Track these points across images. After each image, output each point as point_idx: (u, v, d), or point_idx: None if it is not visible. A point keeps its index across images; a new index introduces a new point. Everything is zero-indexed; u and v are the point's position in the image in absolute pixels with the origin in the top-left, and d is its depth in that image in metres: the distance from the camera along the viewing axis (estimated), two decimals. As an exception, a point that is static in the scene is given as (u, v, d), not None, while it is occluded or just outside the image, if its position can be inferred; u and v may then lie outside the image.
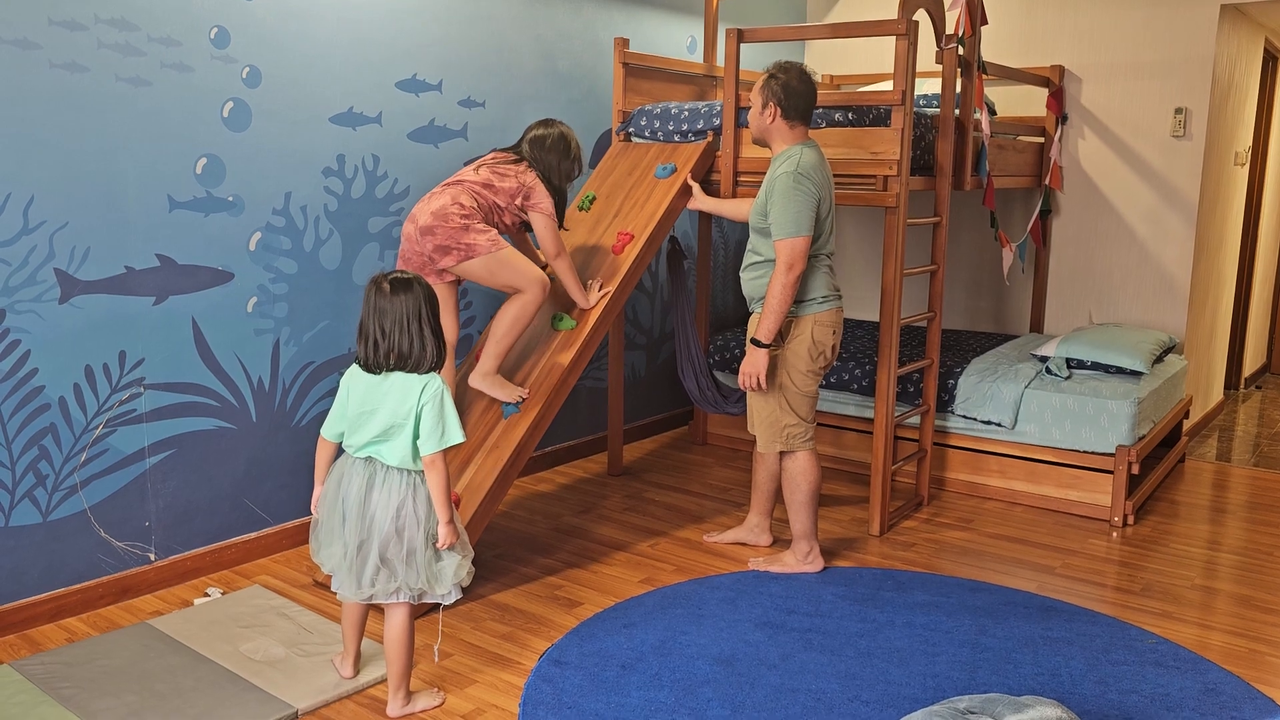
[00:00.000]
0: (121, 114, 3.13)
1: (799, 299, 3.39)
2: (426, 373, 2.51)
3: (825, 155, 3.77)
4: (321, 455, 2.66)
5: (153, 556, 3.38)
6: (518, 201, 3.48)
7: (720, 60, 4.92)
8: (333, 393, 3.81)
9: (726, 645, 2.98)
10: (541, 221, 3.50)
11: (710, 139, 4.11)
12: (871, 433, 4.25)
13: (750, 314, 3.53)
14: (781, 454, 3.54)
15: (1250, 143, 5.83)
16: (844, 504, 4.31)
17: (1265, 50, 5.80)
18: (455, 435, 2.49)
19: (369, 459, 2.54)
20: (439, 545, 2.52)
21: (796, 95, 3.32)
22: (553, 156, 3.56)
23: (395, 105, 3.88)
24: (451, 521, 2.53)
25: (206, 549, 3.51)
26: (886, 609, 3.24)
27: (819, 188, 3.30)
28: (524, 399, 3.49)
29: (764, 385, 3.38)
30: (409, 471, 2.52)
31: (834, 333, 3.45)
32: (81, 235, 3.08)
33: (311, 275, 3.70)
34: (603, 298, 3.69)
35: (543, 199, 3.49)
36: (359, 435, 2.53)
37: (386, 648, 2.60)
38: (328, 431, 2.62)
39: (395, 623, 2.57)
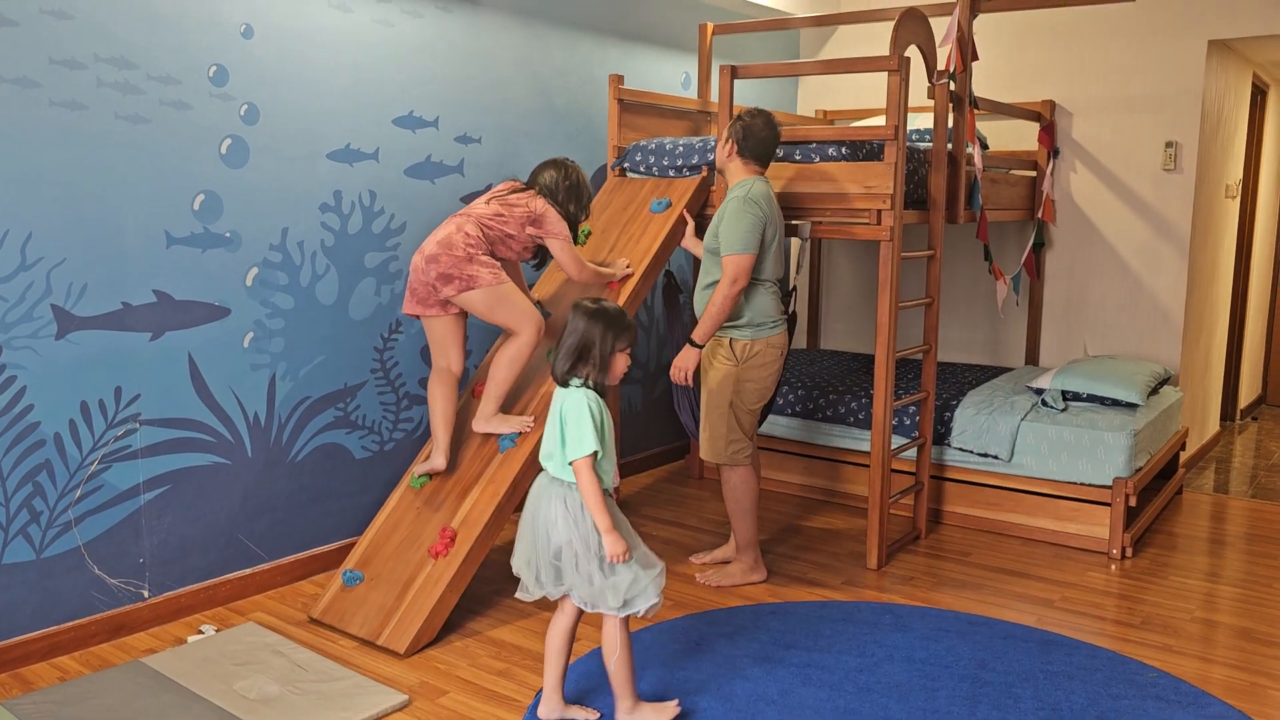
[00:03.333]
0: (120, 151, 3.15)
1: (755, 322, 3.59)
2: (584, 388, 2.60)
3: (818, 190, 3.88)
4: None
5: (146, 593, 3.36)
6: (528, 230, 3.52)
7: (714, 96, 4.97)
8: (328, 428, 3.81)
9: (725, 682, 2.95)
10: (558, 245, 3.56)
11: (705, 174, 4.14)
12: (868, 465, 4.24)
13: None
14: (721, 467, 3.72)
15: (1241, 175, 5.88)
16: (841, 537, 4.29)
17: (1253, 84, 5.86)
18: (589, 443, 2.53)
19: (544, 470, 2.66)
20: (608, 559, 2.54)
21: (755, 139, 3.56)
22: (571, 205, 3.62)
23: (392, 142, 3.91)
24: (614, 530, 2.54)
25: (201, 585, 3.49)
26: (885, 643, 3.22)
27: (766, 214, 3.51)
28: (529, 428, 3.49)
29: (690, 380, 3.61)
30: (563, 481, 2.59)
31: (781, 354, 3.67)
32: (79, 271, 3.09)
33: (308, 310, 3.71)
34: (628, 276, 3.79)
35: (555, 224, 3.55)
36: (542, 448, 2.67)
37: (608, 664, 2.65)
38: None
39: (606, 633, 2.63)
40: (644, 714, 2.68)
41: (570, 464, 2.54)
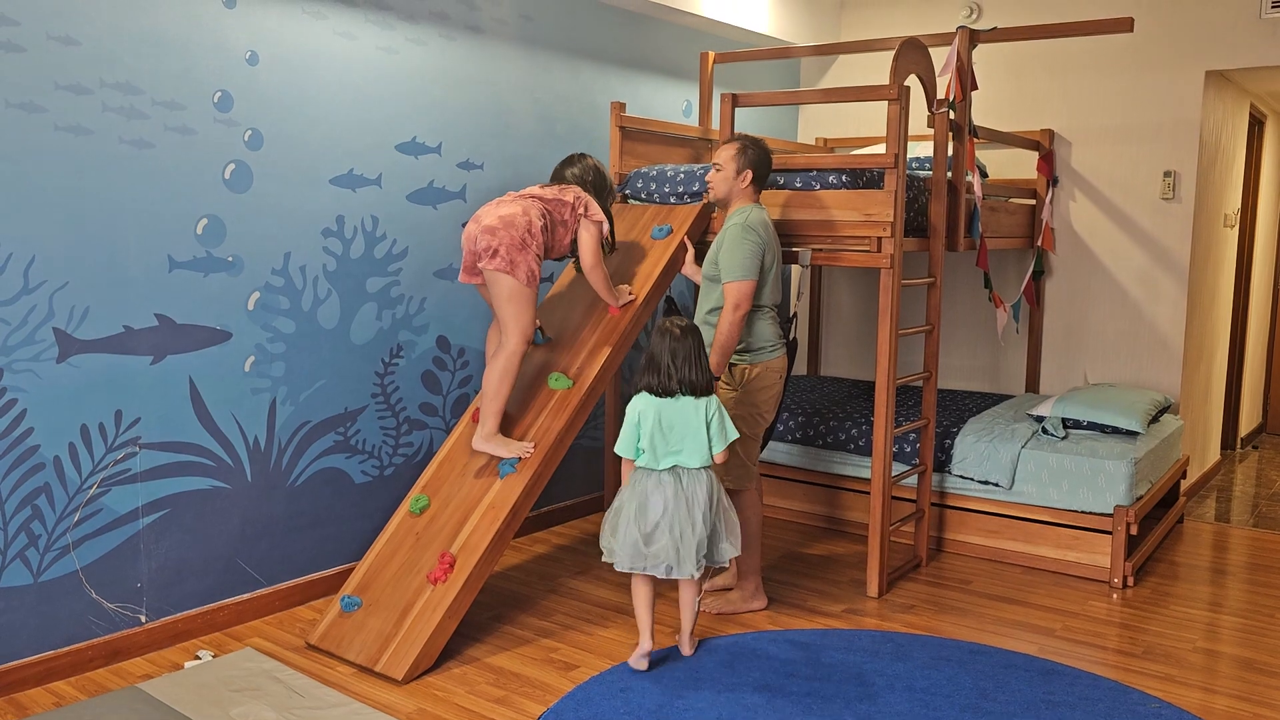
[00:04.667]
0: (124, 175, 3.17)
1: (754, 348, 3.63)
2: (706, 395, 3.19)
3: (819, 217, 3.89)
4: (627, 469, 3.24)
5: (144, 618, 3.34)
6: (579, 211, 3.65)
7: (715, 124, 5.00)
8: (328, 452, 3.81)
9: (725, 710, 2.94)
10: (590, 229, 3.67)
11: (706, 200, 4.16)
12: (869, 492, 4.23)
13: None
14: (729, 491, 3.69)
15: (1239, 205, 5.91)
16: (842, 564, 4.28)
17: (1251, 115, 5.90)
18: (733, 432, 3.22)
19: (673, 468, 3.14)
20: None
21: (765, 166, 3.67)
22: (598, 198, 3.78)
23: (395, 167, 3.93)
24: None
25: (198, 610, 3.48)
26: (886, 672, 3.20)
27: (764, 241, 3.57)
28: (528, 454, 3.50)
29: None
30: (706, 469, 3.17)
31: (781, 377, 3.71)
32: (81, 295, 3.10)
33: (309, 335, 3.71)
34: (630, 304, 3.84)
35: (597, 210, 3.70)
36: (660, 448, 3.14)
37: (685, 607, 3.29)
38: (629, 452, 3.18)
39: (692, 589, 3.27)
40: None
41: (719, 452, 3.18)
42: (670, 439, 3.14)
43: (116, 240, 3.17)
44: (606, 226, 3.73)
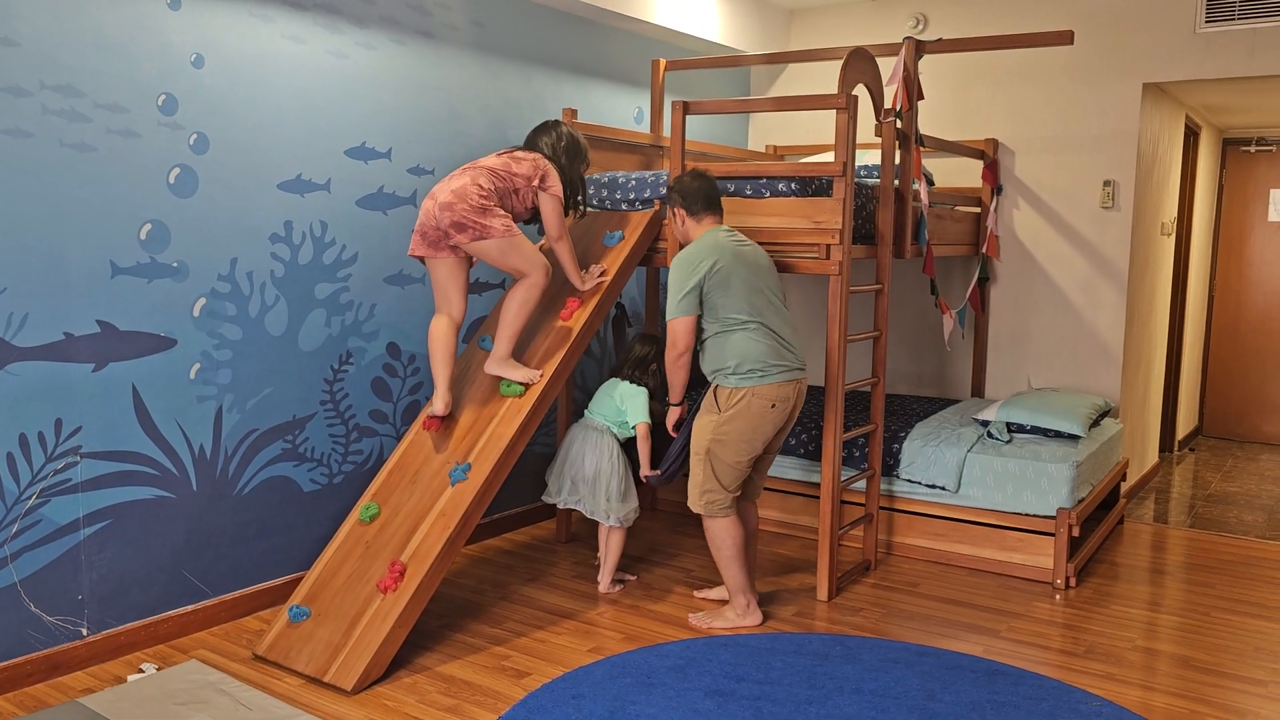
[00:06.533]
0: (65, 179, 3.10)
1: (740, 370, 3.48)
2: (640, 387, 3.97)
3: (768, 224, 3.94)
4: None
5: (85, 631, 3.27)
6: (535, 183, 3.68)
7: (667, 131, 5.02)
8: (276, 460, 3.76)
9: (676, 715, 2.95)
10: (551, 203, 3.71)
11: (657, 207, 4.18)
12: (818, 497, 4.28)
13: (710, 385, 3.61)
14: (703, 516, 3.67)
15: (1175, 213, 6.06)
16: (792, 569, 4.31)
17: (1186, 126, 6.06)
18: (637, 415, 3.93)
19: (592, 422, 3.94)
20: (644, 476, 3.98)
21: (692, 192, 3.60)
22: (573, 164, 3.86)
23: (344, 172, 3.90)
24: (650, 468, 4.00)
25: (142, 623, 3.41)
26: (835, 675, 3.24)
27: (695, 263, 3.45)
28: (537, 380, 3.63)
29: (671, 434, 3.80)
30: (608, 430, 3.91)
31: (773, 406, 3.49)
32: (20, 301, 3.03)
33: (256, 342, 3.67)
34: (599, 286, 3.89)
35: (555, 183, 3.73)
36: (594, 404, 4.00)
37: (611, 549, 3.98)
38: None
39: (617, 536, 3.97)
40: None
41: (635, 425, 3.91)
42: (597, 399, 3.99)
43: (57, 245, 3.10)
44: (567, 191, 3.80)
